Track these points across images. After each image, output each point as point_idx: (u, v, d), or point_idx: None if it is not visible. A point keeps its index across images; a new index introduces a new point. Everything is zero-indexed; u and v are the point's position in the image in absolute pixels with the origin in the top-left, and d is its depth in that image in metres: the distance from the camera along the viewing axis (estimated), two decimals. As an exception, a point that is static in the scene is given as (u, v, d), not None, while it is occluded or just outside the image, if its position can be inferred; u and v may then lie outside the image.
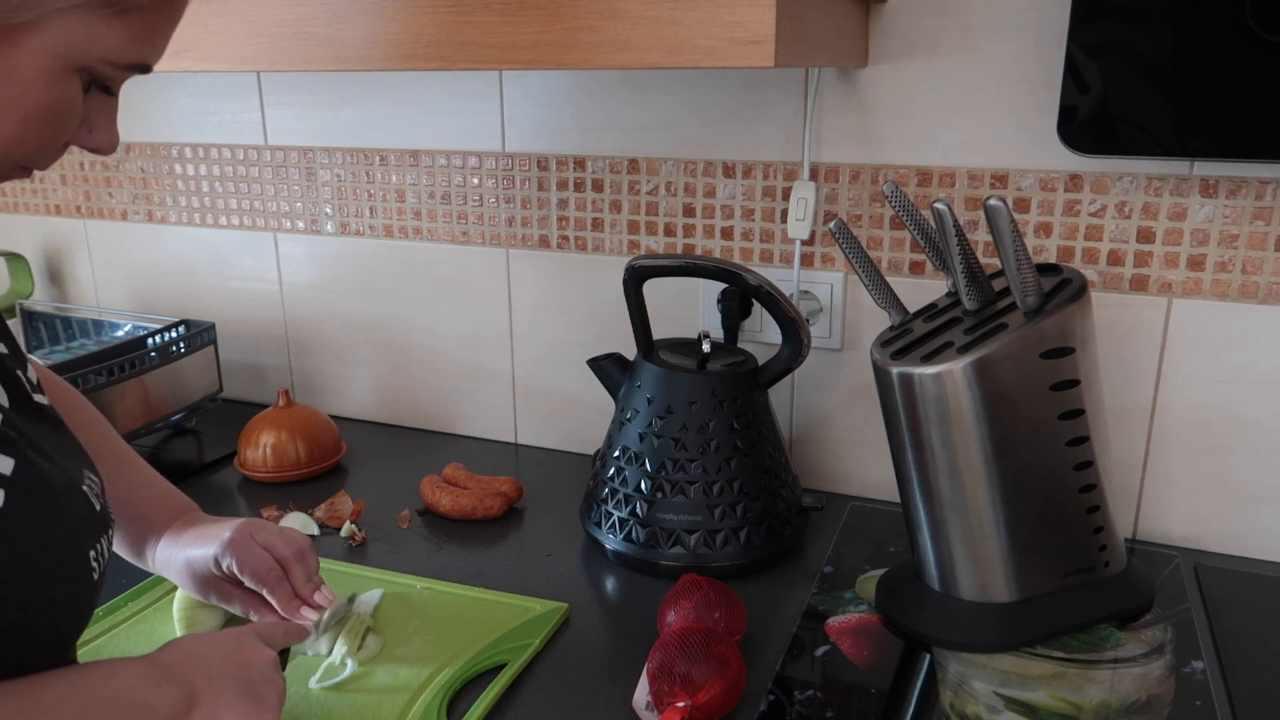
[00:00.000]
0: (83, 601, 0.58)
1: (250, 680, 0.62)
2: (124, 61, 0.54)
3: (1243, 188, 0.93)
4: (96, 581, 0.59)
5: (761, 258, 1.13)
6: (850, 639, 0.87)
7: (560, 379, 1.27)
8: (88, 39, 0.52)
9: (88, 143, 0.58)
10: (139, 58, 0.55)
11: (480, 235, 1.26)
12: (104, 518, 0.61)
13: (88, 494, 0.59)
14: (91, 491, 0.60)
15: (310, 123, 1.30)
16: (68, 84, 0.53)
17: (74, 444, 0.63)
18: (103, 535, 0.60)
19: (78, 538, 0.57)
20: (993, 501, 0.81)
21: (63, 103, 0.53)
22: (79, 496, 0.58)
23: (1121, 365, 1.01)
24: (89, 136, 0.57)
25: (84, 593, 0.58)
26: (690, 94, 1.10)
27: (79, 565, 0.57)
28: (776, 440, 1.00)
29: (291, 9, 0.85)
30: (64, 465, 0.59)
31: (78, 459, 0.62)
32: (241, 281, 1.43)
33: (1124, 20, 0.85)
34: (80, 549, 0.57)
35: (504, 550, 1.04)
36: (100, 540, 0.59)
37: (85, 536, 0.58)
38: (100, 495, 0.62)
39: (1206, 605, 0.91)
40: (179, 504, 0.83)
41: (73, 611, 0.57)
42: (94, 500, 0.60)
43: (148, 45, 0.56)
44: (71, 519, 0.57)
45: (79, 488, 0.59)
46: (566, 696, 0.79)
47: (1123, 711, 0.76)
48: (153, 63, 0.57)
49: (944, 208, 0.77)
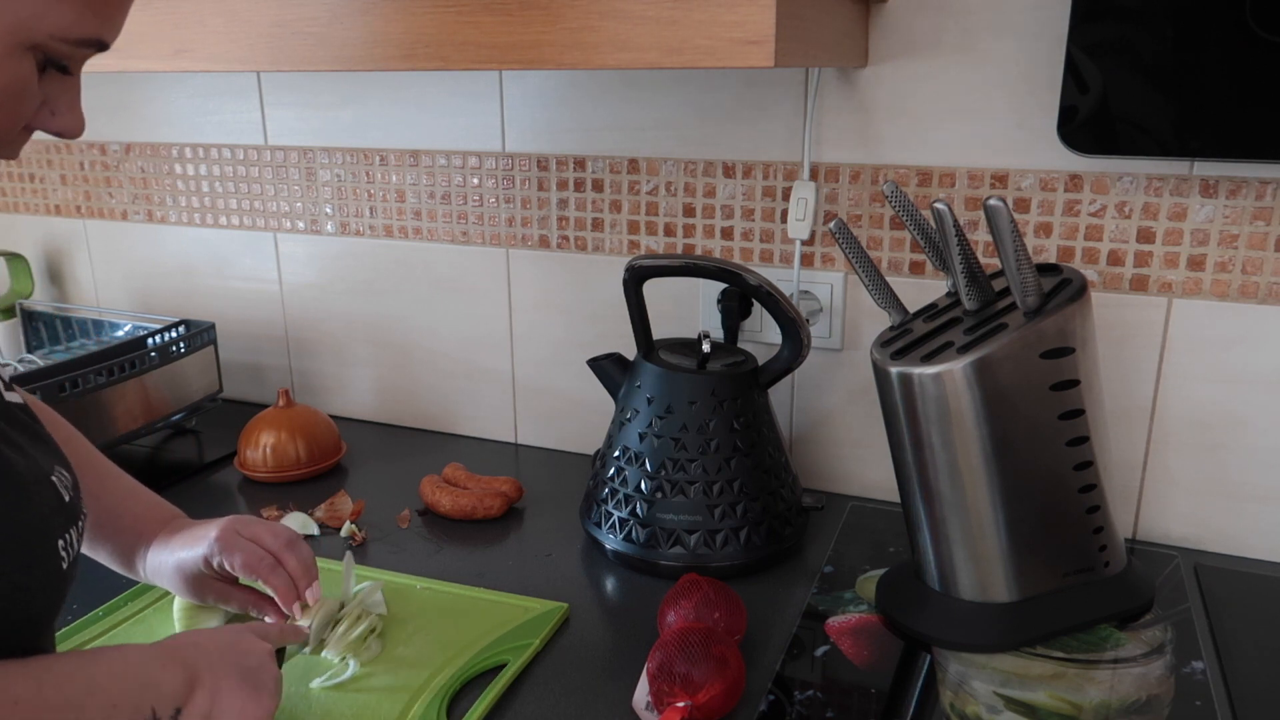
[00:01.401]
0: (52, 589, 0.58)
1: (249, 667, 0.64)
2: (76, 37, 0.53)
3: (1243, 188, 0.93)
4: (66, 571, 0.59)
5: (761, 258, 1.13)
6: (850, 639, 0.87)
7: (560, 379, 1.27)
8: (35, 15, 0.50)
9: (50, 126, 0.56)
10: (92, 33, 0.53)
11: (480, 235, 1.26)
12: (73, 509, 0.61)
13: (56, 485, 0.60)
14: (61, 483, 0.60)
15: (310, 123, 1.30)
16: (19, 64, 0.51)
17: (46, 443, 0.63)
18: (71, 526, 0.60)
19: (45, 525, 0.57)
20: (993, 501, 0.81)
21: (15, 84, 0.51)
22: (47, 486, 0.58)
23: (1121, 365, 1.01)
24: (51, 119, 0.56)
25: (53, 580, 0.58)
26: (690, 94, 1.10)
27: (48, 553, 0.57)
28: (776, 440, 1.00)
29: (291, 9, 0.85)
30: (33, 456, 0.59)
31: (49, 454, 0.62)
32: (241, 281, 1.43)
33: (1124, 20, 0.85)
34: (48, 536, 0.57)
35: (504, 550, 1.04)
36: (69, 531, 0.59)
37: (54, 526, 0.58)
38: (70, 488, 0.61)
39: (1206, 605, 0.91)
40: (165, 513, 0.83)
41: (44, 598, 0.58)
42: (63, 491, 0.60)
43: (101, 19, 0.54)
44: (39, 507, 0.57)
45: (47, 478, 0.59)
46: (566, 696, 0.79)
47: (1123, 711, 0.76)
48: (109, 39, 0.55)
49: (944, 208, 0.77)
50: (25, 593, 0.55)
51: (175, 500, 1.17)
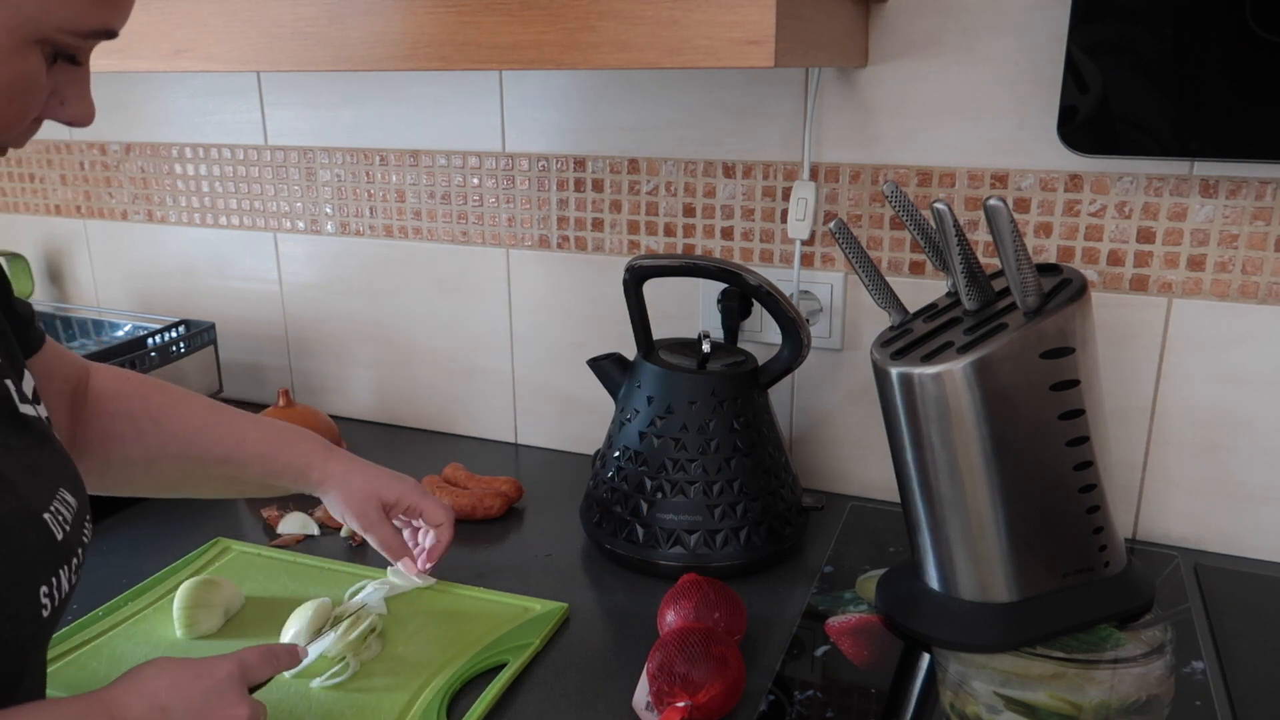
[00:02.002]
0: (26, 639, 0.55)
1: None
2: (85, 29, 0.52)
3: (1243, 188, 0.93)
4: (46, 619, 0.56)
5: (761, 258, 1.13)
6: (850, 639, 0.87)
7: (560, 379, 1.27)
8: (43, 9, 0.49)
9: (60, 115, 0.55)
10: (100, 23, 0.53)
11: (480, 235, 1.26)
12: (67, 545, 0.57)
13: (49, 522, 0.56)
14: (56, 519, 0.57)
15: (310, 123, 1.30)
16: (27, 58, 0.50)
17: (55, 458, 0.61)
18: (62, 566, 0.57)
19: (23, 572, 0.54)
20: (993, 501, 0.81)
21: (24, 78, 0.51)
22: (35, 526, 0.55)
23: (1121, 365, 1.01)
24: (61, 109, 0.55)
25: (29, 629, 0.55)
26: (690, 94, 1.10)
27: (23, 603, 0.54)
28: (776, 440, 1.00)
29: (291, 9, 0.85)
30: (25, 492, 0.56)
31: (54, 477, 0.59)
32: (241, 281, 1.43)
33: (1124, 20, 0.85)
34: (29, 585, 0.54)
35: (504, 550, 1.04)
36: (58, 572, 0.56)
37: (37, 570, 0.55)
38: (70, 521, 0.58)
39: (1206, 605, 0.91)
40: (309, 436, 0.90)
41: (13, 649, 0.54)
42: (55, 529, 0.57)
43: (109, 8, 0.53)
44: (19, 554, 0.53)
45: (38, 516, 0.56)
46: (566, 696, 0.79)
47: (1123, 711, 0.76)
48: (117, 27, 0.55)
49: (944, 208, 0.77)
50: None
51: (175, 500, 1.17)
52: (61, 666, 0.82)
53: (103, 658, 0.84)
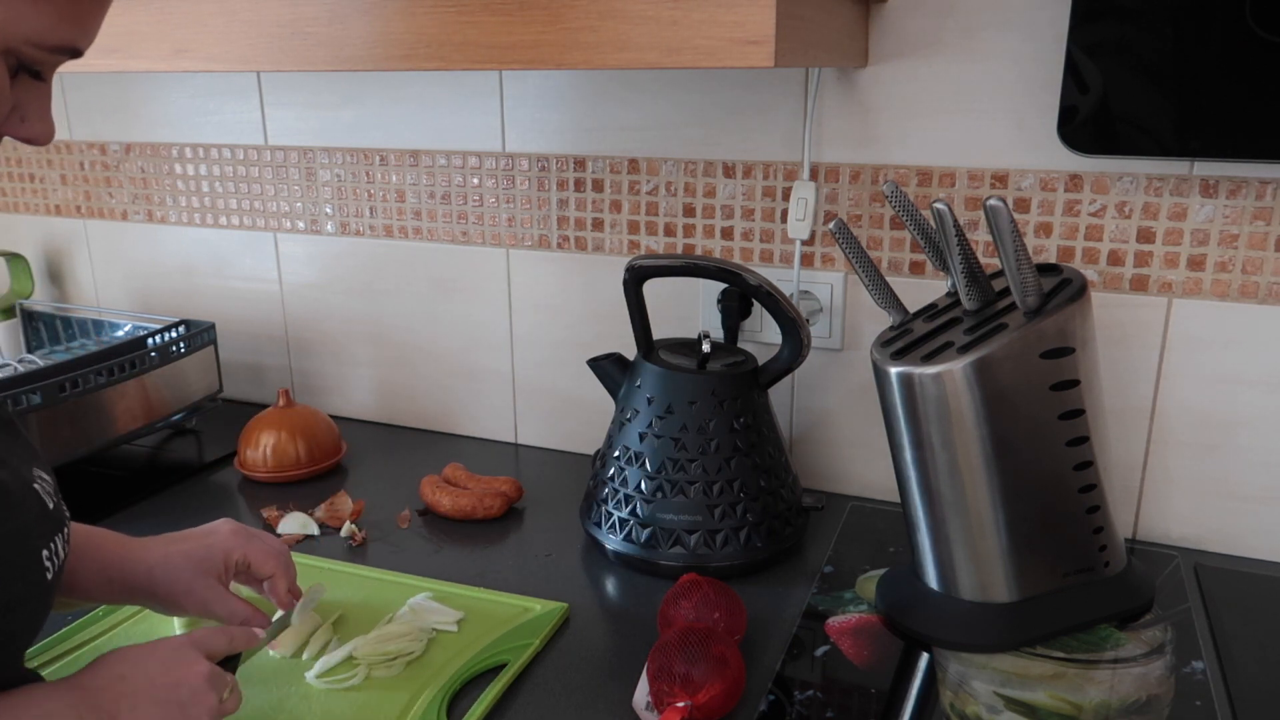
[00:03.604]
0: (35, 602, 0.57)
1: (179, 702, 0.59)
2: (51, 44, 0.52)
3: (1243, 188, 0.93)
4: (50, 582, 0.57)
5: (761, 258, 1.13)
6: (850, 639, 0.87)
7: (560, 379, 1.27)
8: (9, 20, 0.49)
9: (20, 132, 0.55)
10: (67, 40, 0.53)
11: (480, 235, 1.26)
12: (58, 515, 0.60)
13: (39, 492, 0.58)
14: (43, 489, 0.59)
15: (310, 123, 1.30)
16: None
17: (24, 444, 0.62)
18: (56, 534, 0.59)
19: (29, 536, 0.56)
20: (993, 501, 0.81)
21: None
22: (30, 494, 0.57)
23: (1121, 365, 1.01)
24: (21, 126, 0.55)
25: (36, 593, 0.56)
26: (690, 94, 1.10)
27: (30, 564, 0.55)
28: (776, 440, 1.00)
29: (291, 9, 0.85)
30: (14, 464, 0.58)
31: (28, 459, 0.61)
32: (241, 281, 1.43)
33: (1124, 20, 0.85)
34: (33, 547, 0.56)
35: (504, 550, 1.04)
36: (54, 539, 0.58)
37: (37, 535, 0.57)
38: (53, 494, 0.60)
39: (1206, 605, 0.91)
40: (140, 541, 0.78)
41: (25, 612, 0.56)
42: (46, 499, 0.59)
43: (76, 27, 0.53)
44: (23, 516, 0.55)
45: (30, 485, 0.58)
46: (566, 696, 0.79)
47: (1123, 711, 0.76)
48: (83, 46, 0.54)
49: (944, 208, 0.77)
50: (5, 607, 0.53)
51: (175, 500, 1.17)
52: (61, 666, 0.82)
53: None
